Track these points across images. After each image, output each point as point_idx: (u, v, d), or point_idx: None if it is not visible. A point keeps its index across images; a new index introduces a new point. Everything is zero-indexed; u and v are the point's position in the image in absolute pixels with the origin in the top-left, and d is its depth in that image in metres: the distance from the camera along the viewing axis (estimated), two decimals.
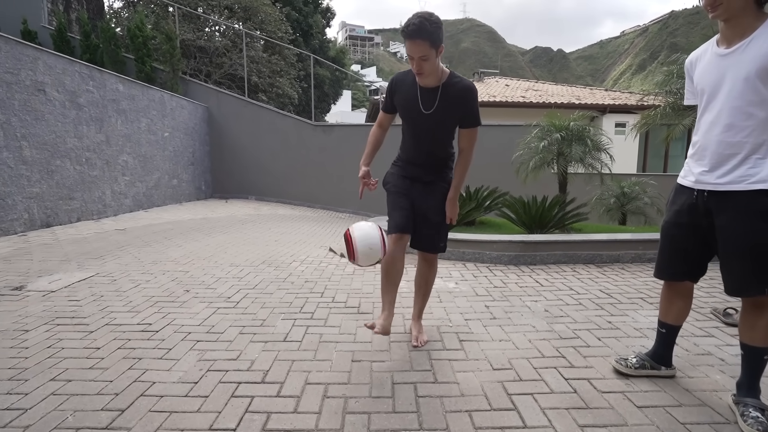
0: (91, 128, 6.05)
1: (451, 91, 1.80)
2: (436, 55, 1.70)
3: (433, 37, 1.65)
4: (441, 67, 1.80)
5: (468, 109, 1.83)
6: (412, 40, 1.65)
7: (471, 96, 1.81)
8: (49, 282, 2.99)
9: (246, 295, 2.77)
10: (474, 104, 1.83)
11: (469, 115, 1.84)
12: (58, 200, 5.42)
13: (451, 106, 1.81)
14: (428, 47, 1.65)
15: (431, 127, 1.86)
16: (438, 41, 1.67)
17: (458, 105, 1.81)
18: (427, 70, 1.73)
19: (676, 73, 4.58)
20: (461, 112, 1.83)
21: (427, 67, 1.71)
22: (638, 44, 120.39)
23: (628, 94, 14.28)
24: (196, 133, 9.32)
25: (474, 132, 1.88)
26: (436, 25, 1.65)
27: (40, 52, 5.19)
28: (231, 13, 13.24)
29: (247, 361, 1.83)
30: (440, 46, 1.70)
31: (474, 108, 1.84)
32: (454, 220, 1.97)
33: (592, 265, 3.60)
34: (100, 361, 1.81)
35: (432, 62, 1.71)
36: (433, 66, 1.73)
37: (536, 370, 1.77)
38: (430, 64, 1.71)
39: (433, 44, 1.66)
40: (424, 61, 1.68)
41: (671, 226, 1.57)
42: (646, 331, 2.18)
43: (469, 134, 1.89)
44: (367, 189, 1.97)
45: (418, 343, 2.01)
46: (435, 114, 1.82)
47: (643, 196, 6.51)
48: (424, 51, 1.66)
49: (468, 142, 1.90)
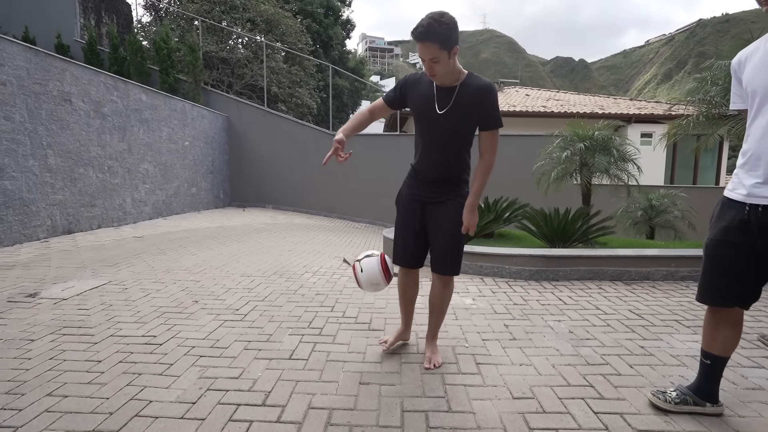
0: (114, 137, 6.19)
1: (468, 89, 1.69)
2: (449, 57, 1.60)
3: (443, 39, 1.55)
4: (458, 68, 1.69)
5: (486, 109, 1.71)
6: (421, 42, 1.56)
7: (489, 95, 1.69)
8: (62, 289, 2.99)
9: (254, 308, 2.69)
10: (493, 103, 1.71)
11: (487, 115, 1.72)
12: (80, 207, 5.53)
13: (467, 106, 1.69)
14: (438, 49, 1.56)
15: (446, 129, 1.74)
16: (450, 43, 1.57)
17: (475, 104, 1.69)
18: (439, 73, 1.63)
19: (710, 79, 4.34)
20: (478, 111, 1.71)
21: (439, 70, 1.62)
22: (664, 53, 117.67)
23: (655, 104, 13.81)
24: (215, 142, 9.47)
25: (494, 134, 1.75)
26: (447, 26, 1.55)
27: (67, 64, 5.36)
28: (253, 26, 13.56)
29: (249, 380, 1.73)
30: (453, 48, 1.59)
31: (493, 108, 1.71)
32: (472, 231, 1.82)
33: (620, 283, 3.37)
34: (100, 375, 1.75)
35: (444, 64, 1.61)
36: (447, 68, 1.63)
37: (561, 401, 1.60)
38: (443, 67, 1.61)
39: (444, 46, 1.56)
40: (435, 63, 1.59)
41: (718, 245, 1.40)
42: (684, 359, 1.98)
43: (490, 137, 1.75)
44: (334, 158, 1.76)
45: (430, 365, 1.87)
46: (449, 114, 1.70)
47: (673, 209, 6.20)
48: (433, 53, 1.57)
49: (488, 145, 1.76)
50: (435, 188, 1.83)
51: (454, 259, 1.84)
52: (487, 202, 5.29)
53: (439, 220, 1.82)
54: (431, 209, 1.84)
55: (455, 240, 1.82)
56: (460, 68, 1.71)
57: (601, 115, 11.47)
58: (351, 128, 1.86)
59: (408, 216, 1.88)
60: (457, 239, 1.82)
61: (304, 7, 17.10)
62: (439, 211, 1.82)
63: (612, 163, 5.22)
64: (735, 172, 1.42)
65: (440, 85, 1.72)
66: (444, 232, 1.82)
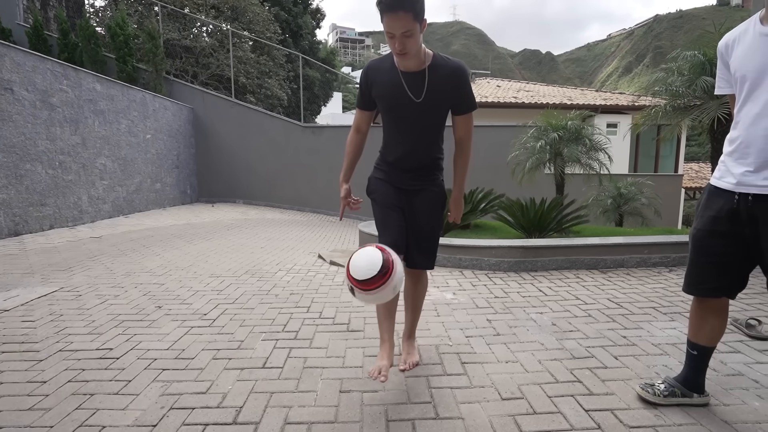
0: (65, 130, 5.71)
1: (440, 72, 1.54)
2: (419, 30, 1.43)
3: (417, 8, 1.37)
4: (423, 47, 1.53)
5: (462, 92, 1.58)
6: (393, 13, 1.36)
7: (463, 77, 1.57)
8: (3, 299, 2.69)
9: (224, 311, 2.51)
10: (468, 86, 1.60)
11: (463, 98, 1.59)
12: (27, 207, 5.08)
13: (442, 91, 1.55)
14: (411, 20, 1.37)
15: (420, 118, 1.59)
16: (422, 12, 1.40)
17: (452, 88, 1.56)
18: (411, 49, 1.45)
19: (676, 70, 4.44)
20: (454, 96, 1.58)
21: (411, 45, 1.43)
22: (624, 47, 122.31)
23: (619, 95, 14.27)
24: (180, 135, 8.99)
25: (470, 118, 1.65)
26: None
27: (6, 49, 4.87)
28: (218, 13, 12.92)
29: (217, 395, 1.58)
30: (423, 20, 1.43)
31: (468, 90, 1.60)
32: (459, 220, 1.83)
33: (596, 271, 3.41)
34: (44, 399, 1.55)
35: (416, 39, 1.43)
36: (417, 44, 1.46)
37: (551, 400, 1.55)
38: (415, 42, 1.43)
39: (417, 17, 1.39)
40: (407, 38, 1.40)
41: (706, 235, 1.37)
42: (665, 348, 1.98)
43: (466, 121, 1.64)
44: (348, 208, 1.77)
45: (406, 366, 1.76)
46: (425, 102, 1.55)
47: (640, 196, 6.39)
48: (407, 25, 1.38)
49: (465, 131, 1.66)
50: (411, 176, 1.70)
51: (428, 251, 1.73)
52: (463, 193, 5.26)
53: (413, 211, 1.71)
54: (407, 196, 1.71)
55: (429, 232, 1.72)
56: (425, 47, 1.54)
57: (570, 105, 11.72)
58: (348, 169, 1.76)
59: (388, 198, 1.70)
60: (431, 231, 1.72)
61: None
62: (414, 200, 1.70)
63: (584, 152, 5.29)
64: (721, 160, 1.38)
65: (405, 69, 1.54)
66: (421, 226, 1.71)
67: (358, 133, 1.76)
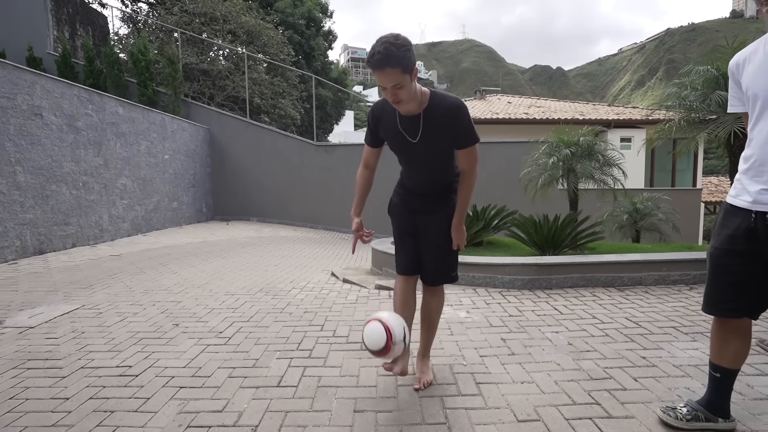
0: (89, 152, 5.95)
1: (435, 112, 1.59)
2: (411, 80, 1.49)
3: (404, 62, 1.44)
4: (419, 90, 1.58)
5: (459, 129, 1.61)
6: (381, 70, 1.44)
7: (459, 114, 1.59)
8: (29, 316, 2.78)
9: (239, 329, 2.54)
10: (464, 122, 1.60)
11: (461, 135, 1.62)
12: (52, 226, 5.26)
13: (438, 130, 1.60)
14: (400, 74, 1.45)
15: (421, 155, 1.68)
16: (410, 65, 1.46)
17: (446, 127, 1.60)
18: (404, 98, 1.51)
19: (689, 85, 4.43)
20: (451, 133, 1.62)
21: (404, 95, 1.50)
22: (636, 61, 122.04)
23: (632, 109, 14.19)
24: (197, 155, 9.25)
25: (472, 151, 1.66)
26: (405, 48, 1.44)
27: (37, 77, 5.14)
28: (234, 37, 13.42)
29: (234, 414, 1.60)
30: (413, 69, 1.49)
31: (465, 126, 1.60)
32: (462, 246, 1.81)
33: (613, 289, 3.34)
34: (67, 416, 1.58)
35: (408, 89, 1.50)
36: (410, 92, 1.52)
37: (569, 423, 1.52)
38: (407, 91, 1.50)
39: (406, 69, 1.45)
40: (399, 89, 1.48)
41: (723, 254, 1.35)
42: (687, 369, 1.92)
43: (467, 154, 1.66)
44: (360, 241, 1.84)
45: (420, 385, 1.78)
46: (422, 142, 1.63)
47: (657, 212, 6.29)
48: (396, 79, 1.45)
49: (467, 163, 1.68)
50: (425, 199, 1.80)
51: (441, 269, 1.82)
52: (476, 210, 5.25)
53: (427, 232, 1.79)
54: (421, 218, 1.81)
55: (444, 251, 1.79)
56: (421, 89, 1.60)
57: (582, 120, 11.69)
58: (359, 203, 1.84)
59: (402, 223, 1.85)
60: (445, 250, 1.79)
61: (286, 19, 17.06)
62: (428, 222, 1.79)
63: (597, 168, 5.26)
64: (737, 178, 1.37)
65: (405, 113, 1.61)
66: (432, 243, 1.79)
67: (366, 169, 1.84)
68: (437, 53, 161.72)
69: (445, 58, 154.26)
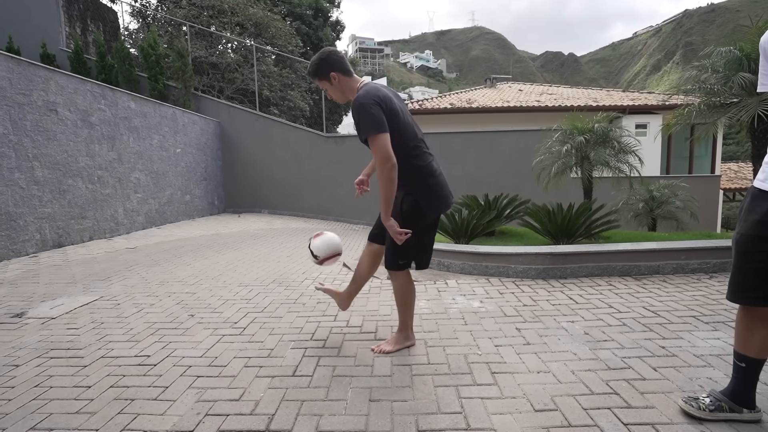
0: (103, 146, 6.03)
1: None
2: (331, 84, 1.87)
3: (318, 72, 1.87)
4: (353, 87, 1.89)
5: (358, 124, 1.80)
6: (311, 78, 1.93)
7: (355, 110, 1.79)
8: (50, 308, 2.85)
9: (254, 320, 2.56)
10: (358, 116, 1.77)
11: (359, 128, 1.81)
12: (70, 220, 5.37)
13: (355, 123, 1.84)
14: (318, 80, 1.90)
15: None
16: (323, 73, 1.86)
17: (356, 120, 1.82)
18: (334, 97, 1.93)
19: (710, 67, 4.26)
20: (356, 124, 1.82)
21: (332, 95, 1.93)
22: (651, 45, 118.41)
23: (647, 95, 13.80)
24: (208, 149, 9.31)
25: (372, 142, 1.75)
26: (315, 63, 1.87)
27: (52, 73, 5.20)
28: (242, 30, 13.39)
29: (250, 402, 1.61)
30: (327, 75, 1.85)
31: (360, 121, 1.77)
32: (397, 239, 1.83)
33: (630, 278, 3.29)
34: (89, 403, 1.62)
35: (332, 90, 1.90)
36: (336, 93, 1.91)
37: (587, 412, 1.50)
38: (332, 92, 1.91)
39: (321, 77, 1.88)
40: (327, 90, 1.93)
41: (751, 241, 1.30)
42: (709, 359, 1.88)
43: (371, 145, 1.78)
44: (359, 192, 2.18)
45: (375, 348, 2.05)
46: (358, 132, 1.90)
47: (674, 199, 6.13)
48: (320, 84, 1.93)
49: (373, 152, 1.78)
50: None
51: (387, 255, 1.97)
52: (488, 199, 5.19)
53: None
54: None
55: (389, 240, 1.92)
56: (356, 87, 1.89)
57: (596, 107, 11.43)
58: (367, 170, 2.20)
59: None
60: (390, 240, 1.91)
61: (293, 10, 16.94)
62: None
63: (613, 155, 5.14)
64: (766, 161, 1.32)
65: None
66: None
67: None
68: (446, 41, 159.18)
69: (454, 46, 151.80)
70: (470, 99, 13.50)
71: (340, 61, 1.87)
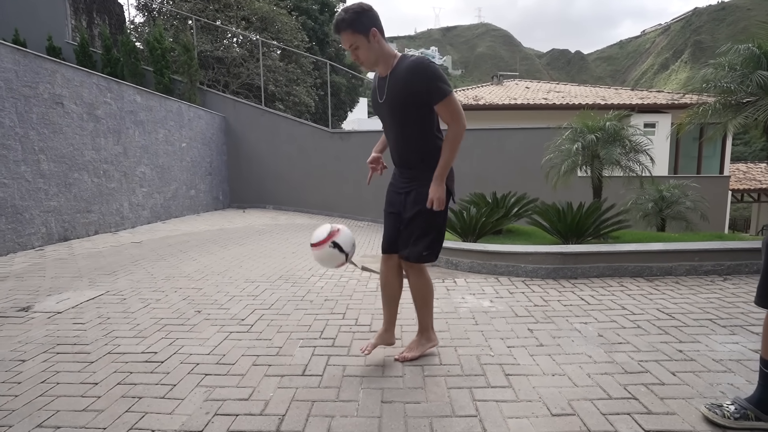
0: (108, 140, 6.01)
1: (398, 72, 1.69)
2: (367, 41, 1.64)
3: (355, 24, 1.61)
4: (389, 53, 1.71)
5: (422, 86, 1.64)
6: (338, 34, 1.66)
7: (418, 70, 1.63)
8: (56, 302, 2.83)
9: (261, 317, 2.53)
10: (426, 77, 1.63)
11: (426, 90, 1.64)
12: (75, 213, 5.36)
13: (400, 89, 1.68)
14: (352, 34, 1.62)
15: (392, 115, 1.76)
16: (361, 26, 1.61)
17: (407, 84, 1.65)
18: (364, 59, 1.68)
19: (727, 65, 4.17)
20: (414, 89, 1.65)
21: (362, 55, 1.67)
22: (660, 43, 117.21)
23: (657, 93, 13.64)
24: (213, 143, 9.29)
25: (448, 104, 1.65)
26: (354, 12, 1.61)
27: (58, 65, 5.18)
28: (248, 24, 13.32)
29: (260, 402, 1.58)
30: (369, 30, 1.62)
31: (428, 82, 1.63)
32: (438, 206, 1.71)
33: (642, 279, 3.23)
34: (96, 400, 1.60)
35: (365, 49, 1.65)
36: (369, 53, 1.66)
37: (606, 418, 1.46)
38: (364, 51, 1.66)
39: (357, 30, 1.62)
40: (356, 50, 1.65)
41: None
42: (729, 364, 1.83)
43: (443, 108, 1.67)
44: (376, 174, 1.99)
45: (398, 356, 1.92)
46: (387, 102, 1.73)
47: (684, 199, 6.05)
48: (350, 40, 1.63)
49: (446, 117, 1.68)
50: (403, 174, 1.84)
51: (407, 243, 1.80)
52: (495, 197, 5.14)
53: (404, 208, 1.81)
54: (402, 197, 1.83)
55: (408, 224, 1.79)
56: (393, 53, 1.72)
57: (604, 105, 11.31)
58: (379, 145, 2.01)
59: (387, 204, 1.91)
60: (410, 223, 1.78)
61: (299, 4, 16.85)
62: (405, 200, 1.81)
63: (624, 154, 5.06)
64: None
65: (381, 75, 1.75)
66: (405, 219, 1.80)
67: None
68: (452, 38, 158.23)
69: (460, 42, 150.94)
70: (477, 96, 13.40)
71: (380, 19, 1.66)
